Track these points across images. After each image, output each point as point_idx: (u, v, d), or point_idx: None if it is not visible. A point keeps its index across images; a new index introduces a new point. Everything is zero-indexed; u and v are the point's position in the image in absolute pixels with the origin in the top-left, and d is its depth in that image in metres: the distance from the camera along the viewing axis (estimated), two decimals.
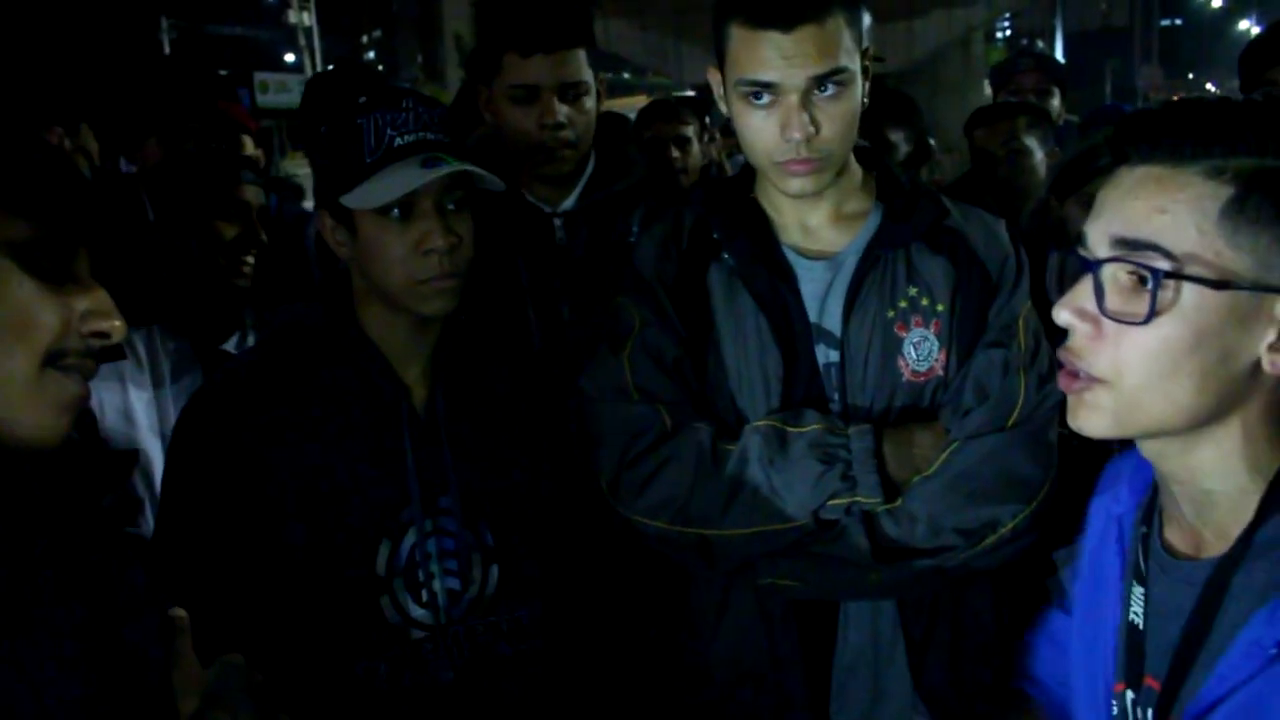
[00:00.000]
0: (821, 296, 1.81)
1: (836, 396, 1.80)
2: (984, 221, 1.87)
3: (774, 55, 1.67)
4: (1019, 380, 1.78)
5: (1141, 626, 1.18)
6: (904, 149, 3.16)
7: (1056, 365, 1.82)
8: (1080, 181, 2.39)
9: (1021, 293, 1.84)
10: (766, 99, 1.71)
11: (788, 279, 1.81)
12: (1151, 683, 1.15)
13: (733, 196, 1.90)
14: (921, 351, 1.79)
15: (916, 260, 1.81)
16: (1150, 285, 1.04)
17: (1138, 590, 1.20)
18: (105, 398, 2.27)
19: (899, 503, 1.74)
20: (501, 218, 2.25)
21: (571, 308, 2.34)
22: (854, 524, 1.73)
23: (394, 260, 1.70)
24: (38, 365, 1.06)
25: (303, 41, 24.51)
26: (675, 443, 1.78)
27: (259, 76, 22.47)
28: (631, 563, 1.96)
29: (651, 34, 13.41)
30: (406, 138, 1.69)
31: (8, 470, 1.09)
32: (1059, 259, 1.17)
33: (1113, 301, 1.07)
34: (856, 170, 1.87)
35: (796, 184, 1.76)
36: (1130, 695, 1.18)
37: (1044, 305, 1.87)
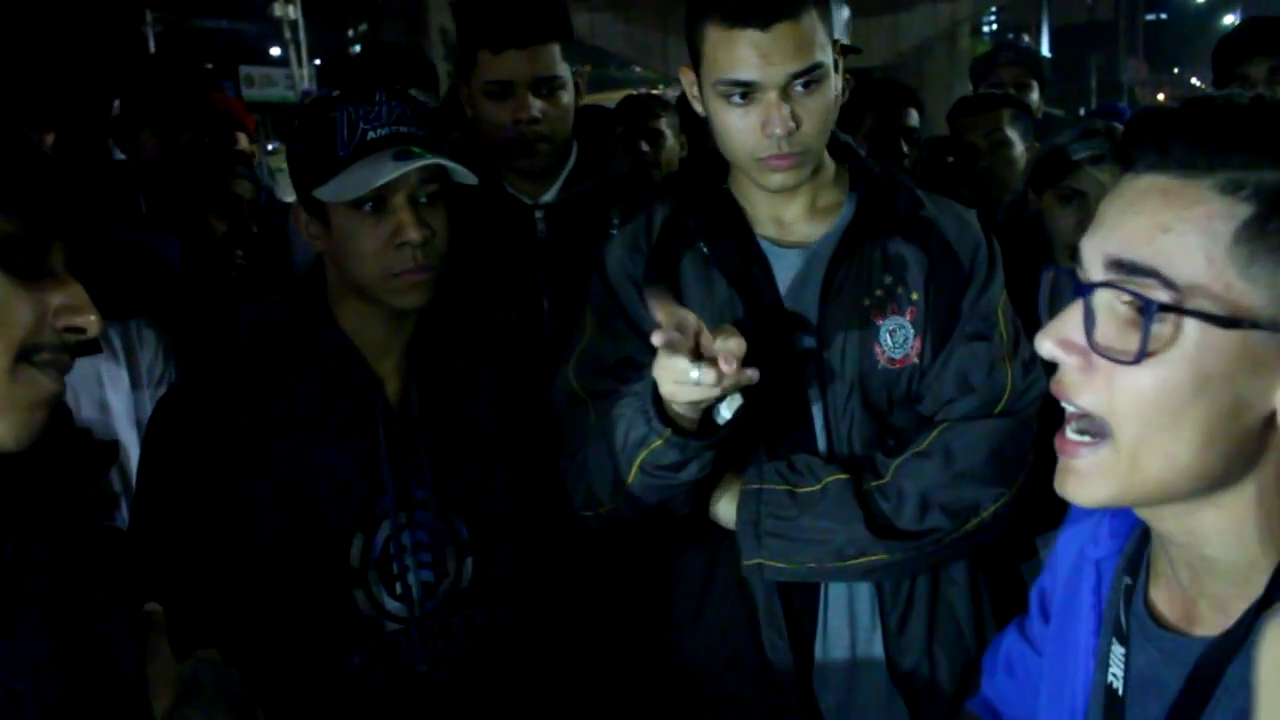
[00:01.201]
0: (798, 285, 1.83)
1: (815, 382, 1.81)
2: (955, 211, 1.88)
3: (752, 54, 1.67)
4: (1005, 369, 1.80)
5: (1120, 692, 1.04)
6: (919, 134, 3.20)
7: (1037, 355, 1.84)
8: (1058, 175, 2.40)
9: (997, 282, 1.85)
10: (747, 97, 1.71)
11: (762, 265, 1.82)
12: None
13: (706, 188, 1.90)
14: (897, 339, 1.80)
15: (890, 249, 1.82)
16: (1144, 319, 0.88)
17: (1118, 650, 1.05)
18: (80, 391, 2.27)
19: (888, 479, 1.76)
20: (482, 210, 2.25)
21: (552, 300, 2.35)
22: (844, 500, 1.74)
23: (367, 253, 1.70)
24: (11, 361, 1.05)
25: (288, 35, 24.42)
26: (588, 436, 1.79)
27: (244, 70, 22.40)
28: (610, 556, 1.97)
29: (636, 27, 13.41)
30: (380, 131, 1.68)
31: None
32: (1051, 276, 1.01)
33: (1105, 333, 0.91)
34: (830, 163, 1.88)
35: (778, 179, 1.76)
36: None
37: (1018, 298, 1.89)
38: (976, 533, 1.77)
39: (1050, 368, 1.00)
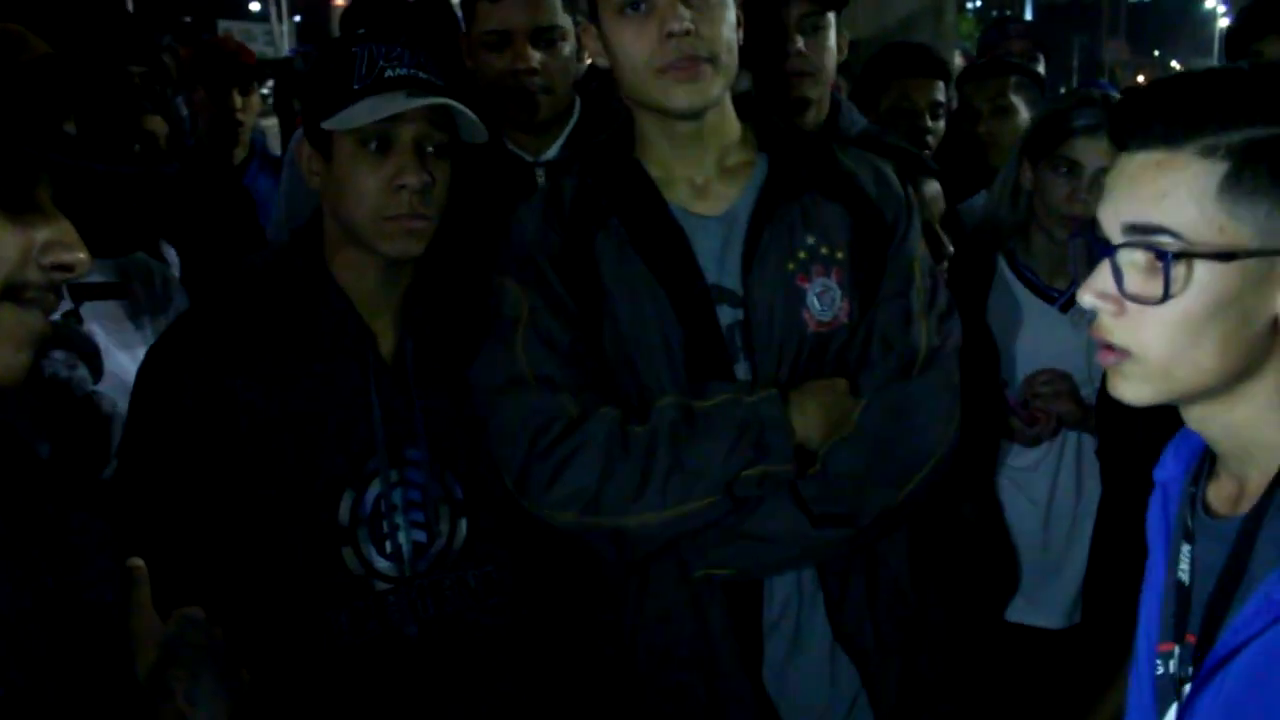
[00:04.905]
0: (719, 254, 1.77)
1: (743, 356, 1.77)
2: (872, 164, 1.85)
3: None
4: (920, 326, 1.78)
5: (1188, 583, 1.22)
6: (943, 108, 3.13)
7: (954, 302, 1.84)
8: (1052, 144, 2.38)
9: (915, 233, 1.83)
10: (641, 7, 1.67)
11: (679, 240, 1.77)
12: (1191, 639, 1.19)
13: (614, 159, 1.83)
14: (825, 301, 1.76)
15: (811, 208, 1.78)
16: (1163, 267, 1.08)
17: (1185, 548, 1.23)
18: (108, 337, 2.21)
19: (817, 467, 1.72)
20: (482, 167, 2.21)
21: None
22: (779, 497, 1.71)
23: (365, 192, 1.67)
24: None
25: None
26: (583, 431, 1.72)
27: (222, 25, 22.11)
28: None
29: None
30: (398, 70, 1.67)
31: None
32: (1082, 242, 1.22)
33: (1131, 283, 1.12)
34: (736, 120, 1.83)
35: (683, 92, 1.70)
36: (1177, 651, 1.21)
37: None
38: (914, 498, 1.75)
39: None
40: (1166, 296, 1.08)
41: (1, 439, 1.13)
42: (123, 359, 2.21)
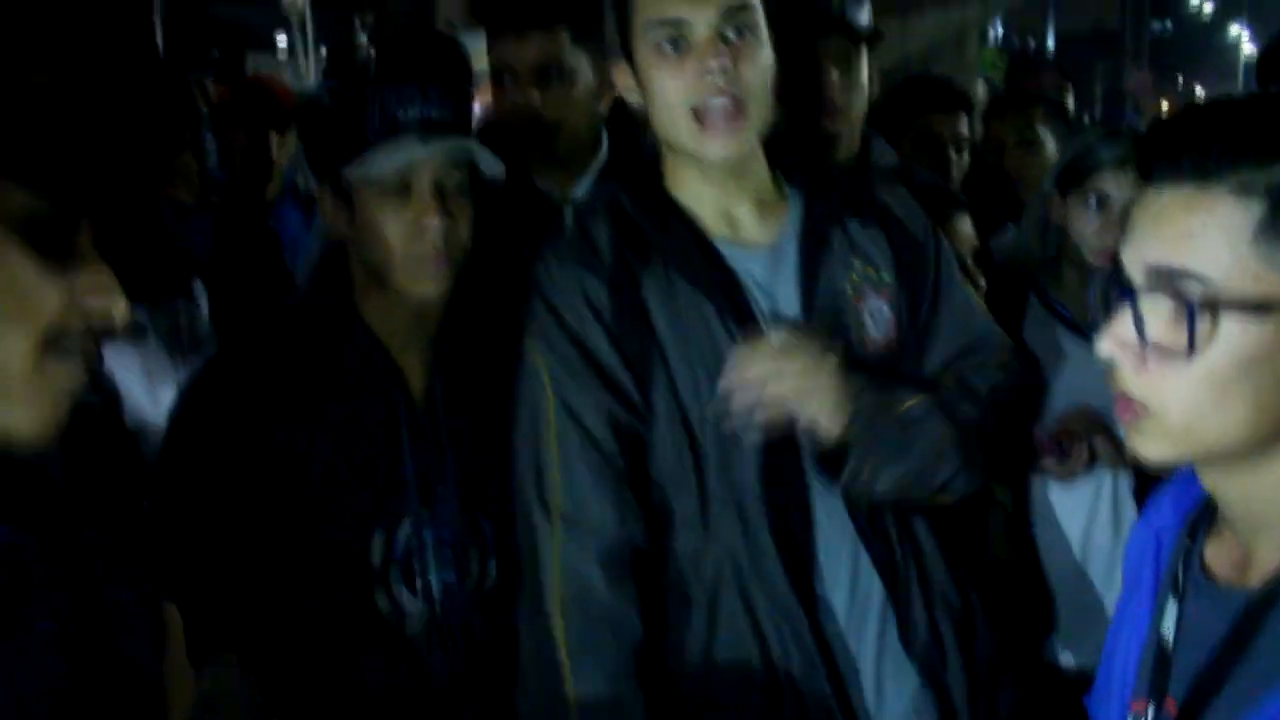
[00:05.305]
0: (769, 283, 1.76)
1: None
2: (893, 188, 1.89)
3: None
4: (995, 330, 1.89)
5: (1171, 643, 1.11)
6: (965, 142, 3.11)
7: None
8: (1081, 178, 2.36)
9: (947, 250, 1.88)
10: (680, 46, 1.66)
11: (730, 272, 1.74)
12: (1172, 704, 1.09)
13: (647, 196, 1.78)
14: (878, 320, 1.79)
15: (853, 234, 1.80)
16: (1187, 317, 0.97)
17: (1172, 605, 1.13)
18: (129, 380, 2.22)
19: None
20: (510, 205, 2.21)
21: None
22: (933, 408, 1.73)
23: (389, 237, 1.69)
24: (37, 348, 0.98)
25: (295, 22, 24.34)
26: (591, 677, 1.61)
27: (251, 64, 22.34)
28: None
29: None
30: (410, 114, 1.68)
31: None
32: (1102, 282, 1.10)
33: (1155, 331, 1.00)
34: (764, 159, 1.82)
35: (719, 144, 1.68)
36: (1151, 712, 1.11)
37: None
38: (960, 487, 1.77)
39: None
40: (1191, 351, 0.97)
41: (29, 476, 1.11)
42: (145, 400, 2.21)
